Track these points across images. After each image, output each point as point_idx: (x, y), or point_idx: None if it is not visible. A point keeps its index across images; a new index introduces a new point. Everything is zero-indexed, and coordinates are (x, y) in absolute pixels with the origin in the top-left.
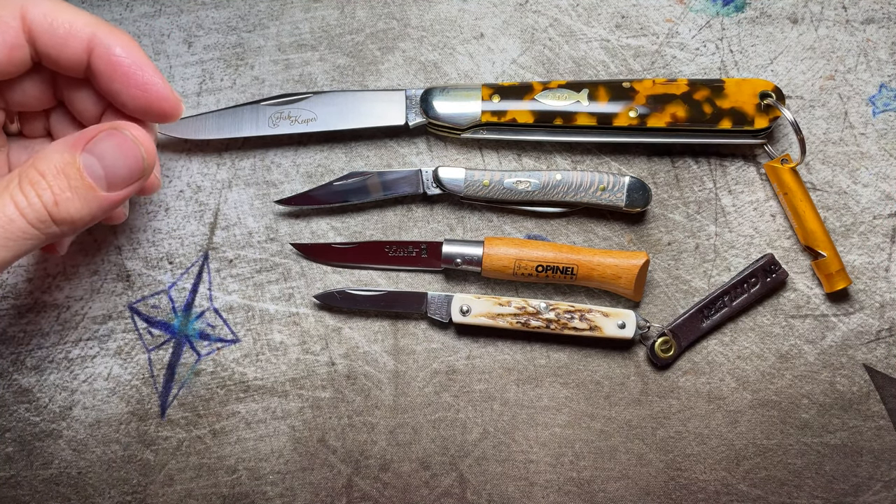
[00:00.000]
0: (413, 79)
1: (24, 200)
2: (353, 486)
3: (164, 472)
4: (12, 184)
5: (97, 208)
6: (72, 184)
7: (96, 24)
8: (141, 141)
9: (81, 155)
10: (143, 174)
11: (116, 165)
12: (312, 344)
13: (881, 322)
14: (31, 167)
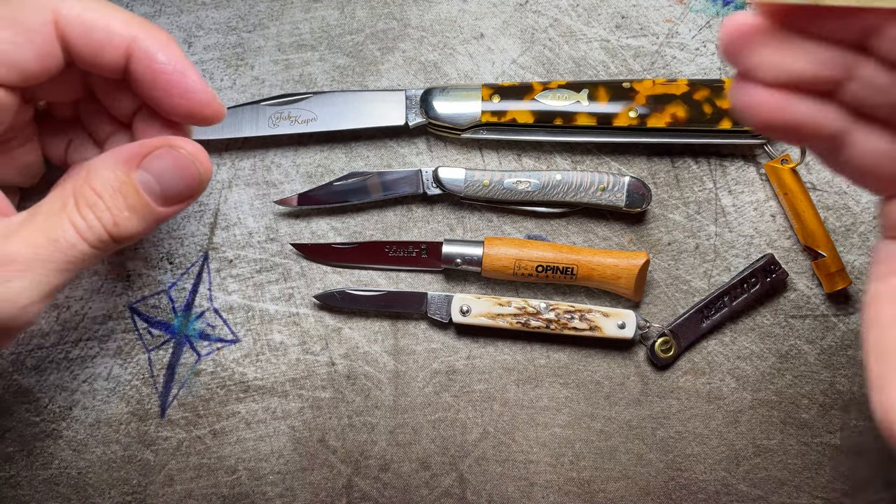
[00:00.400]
0: (413, 79)
1: (83, 223)
2: (353, 487)
3: (164, 472)
4: (69, 205)
5: (153, 223)
6: (129, 203)
7: (136, 26)
8: (197, 157)
9: (137, 172)
10: (200, 190)
11: (174, 182)
12: (312, 344)
13: None
14: (86, 185)
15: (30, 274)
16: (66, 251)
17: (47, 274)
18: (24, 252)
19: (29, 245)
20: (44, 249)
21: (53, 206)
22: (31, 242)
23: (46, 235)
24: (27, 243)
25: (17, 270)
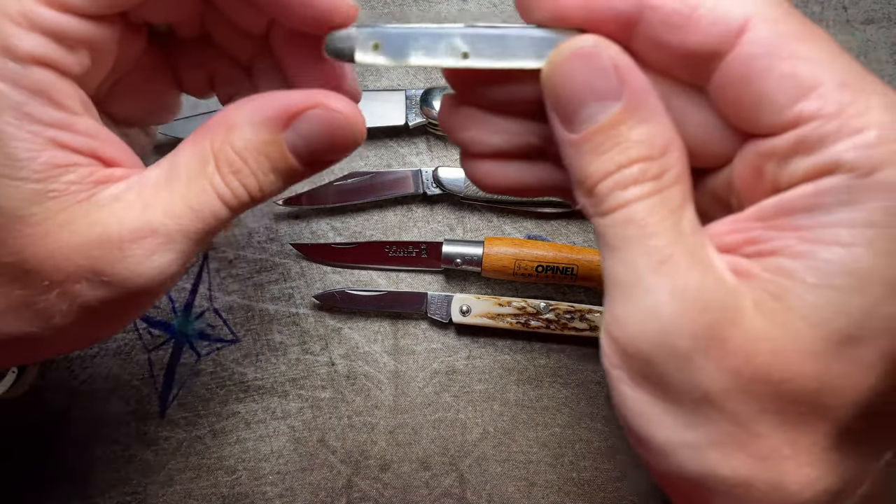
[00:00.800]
0: (413, 79)
1: (228, 192)
2: (353, 487)
3: (163, 472)
4: (209, 168)
5: (296, 181)
6: (275, 166)
7: None
8: (351, 119)
9: (286, 133)
10: (351, 151)
11: (324, 146)
12: (312, 344)
13: None
14: (227, 146)
15: (172, 245)
16: (209, 220)
17: (190, 244)
18: (166, 224)
19: (170, 216)
20: (186, 220)
21: (192, 166)
22: (173, 212)
23: (189, 205)
24: (168, 213)
25: (161, 243)
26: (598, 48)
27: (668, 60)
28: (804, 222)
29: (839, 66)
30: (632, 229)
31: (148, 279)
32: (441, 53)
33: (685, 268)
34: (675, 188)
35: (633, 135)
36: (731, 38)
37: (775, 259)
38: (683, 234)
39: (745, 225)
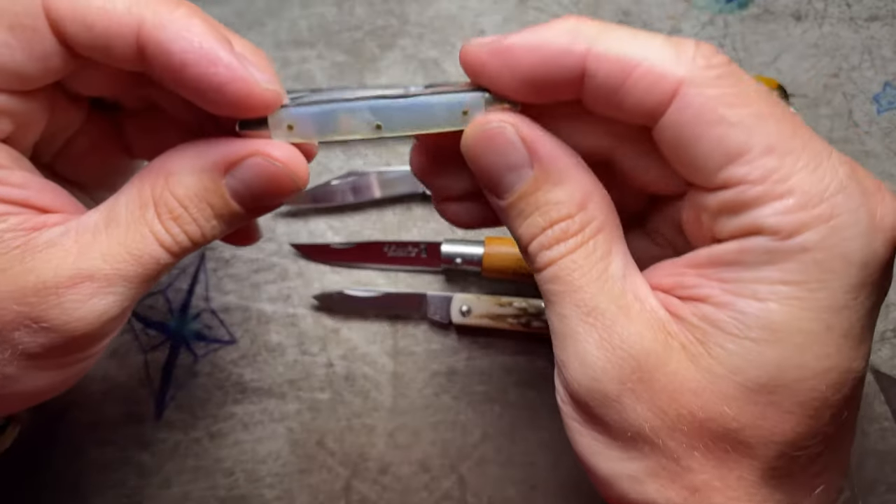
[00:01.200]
0: (412, 76)
1: (168, 238)
2: (352, 489)
3: (160, 474)
4: (149, 214)
5: (238, 226)
6: (217, 212)
7: (143, 6)
8: (291, 166)
9: (226, 179)
10: (293, 195)
11: (264, 192)
12: (310, 345)
13: (885, 323)
14: (167, 192)
15: (111, 289)
16: (149, 265)
17: (128, 288)
18: (103, 269)
19: (108, 261)
20: (126, 264)
21: (131, 211)
22: (112, 257)
23: (128, 250)
24: (106, 258)
25: (98, 288)
26: (502, 126)
27: (614, 111)
28: (728, 275)
29: (768, 129)
30: (560, 285)
31: (88, 324)
32: (355, 128)
33: (611, 318)
34: (600, 237)
35: (550, 197)
36: (663, 103)
37: (702, 305)
38: (611, 280)
39: (679, 270)
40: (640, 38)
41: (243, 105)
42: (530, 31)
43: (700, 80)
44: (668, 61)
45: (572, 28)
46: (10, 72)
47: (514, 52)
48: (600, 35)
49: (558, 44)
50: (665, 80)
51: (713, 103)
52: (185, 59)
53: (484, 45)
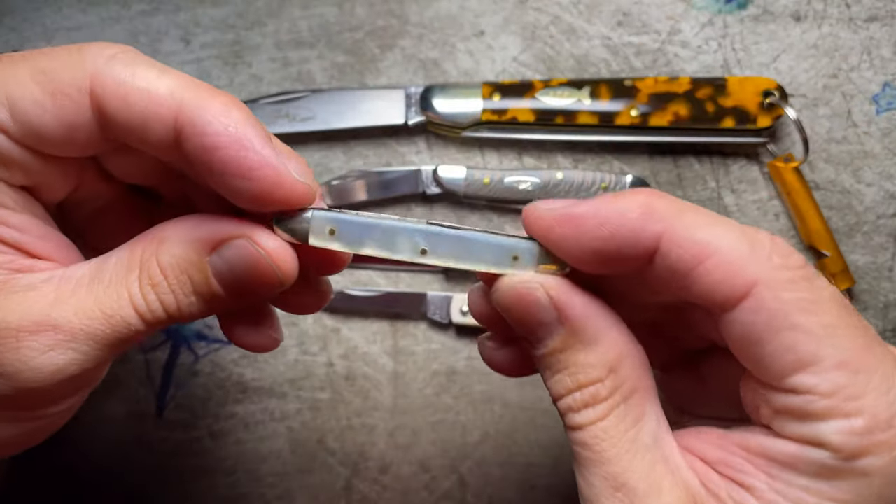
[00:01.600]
0: (413, 77)
1: (143, 304)
2: (352, 489)
3: (161, 473)
4: (131, 276)
5: (221, 310)
6: (197, 289)
7: (184, 90)
8: (276, 259)
9: (212, 257)
10: (277, 290)
11: (247, 279)
12: (311, 345)
13: (885, 323)
14: (154, 259)
15: (74, 345)
16: (119, 328)
17: (93, 349)
18: (71, 321)
19: (78, 315)
20: (95, 322)
21: (117, 271)
22: (82, 313)
23: (101, 308)
24: (78, 312)
25: (61, 340)
26: (531, 287)
27: (678, 293)
28: (779, 474)
29: (842, 342)
30: (589, 451)
31: (41, 376)
32: (399, 248)
33: (642, 496)
34: (632, 400)
35: (579, 359)
36: (734, 298)
37: (743, 492)
38: (642, 450)
39: (728, 446)
40: (716, 224)
41: (271, 195)
42: (602, 201)
43: (775, 283)
44: (744, 256)
45: (646, 204)
46: (34, 131)
47: (584, 223)
48: (677, 216)
49: (632, 221)
50: (739, 277)
51: (787, 308)
52: (218, 142)
53: (553, 210)
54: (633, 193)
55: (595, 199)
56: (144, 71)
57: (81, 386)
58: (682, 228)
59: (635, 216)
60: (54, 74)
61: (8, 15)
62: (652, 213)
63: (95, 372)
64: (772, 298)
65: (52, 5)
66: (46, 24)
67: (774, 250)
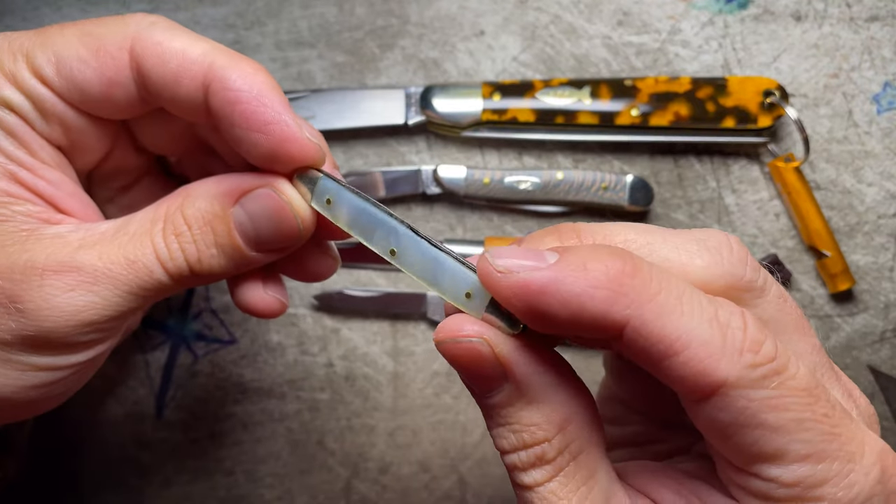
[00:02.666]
0: (413, 76)
1: (165, 251)
2: (352, 489)
3: (160, 474)
4: (156, 227)
5: (242, 266)
6: (218, 240)
7: (215, 53)
8: (296, 206)
9: (235, 209)
10: (296, 242)
11: (268, 228)
12: (310, 345)
13: (885, 323)
14: (178, 212)
15: (96, 288)
16: (142, 275)
17: (116, 294)
18: (94, 264)
19: (102, 259)
20: (117, 267)
21: (142, 224)
22: (106, 257)
23: (125, 254)
24: (101, 257)
25: (82, 281)
26: (476, 342)
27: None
28: None
29: (806, 436)
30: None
31: (61, 316)
32: (375, 241)
33: None
34: (581, 459)
35: (523, 416)
36: (700, 395)
37: None
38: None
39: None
40: (689, 313)
41: (283, 149)
42: (565, 269)
43: (745, 382)
44: (714, 353)
45: (615, 283)
46: (78, 86)
47: (542, 299)
48: (647, 302)
49: (596, 305)
50: (708, 376)
51: (755, 407)
52: (239, 97)
53: (507, 278)
54: (604, 260)
55: (558, 260)
56: (181, 35)
57: (100, 338)
58: (651, 318)
59: (600, 298)
60: (99, 35)
61: (7, 15)
62: (619, 296)
63: (115, 324)
64: (740, 397)
65: (52, 5)
66: (46, 24)
67: (748, 342)
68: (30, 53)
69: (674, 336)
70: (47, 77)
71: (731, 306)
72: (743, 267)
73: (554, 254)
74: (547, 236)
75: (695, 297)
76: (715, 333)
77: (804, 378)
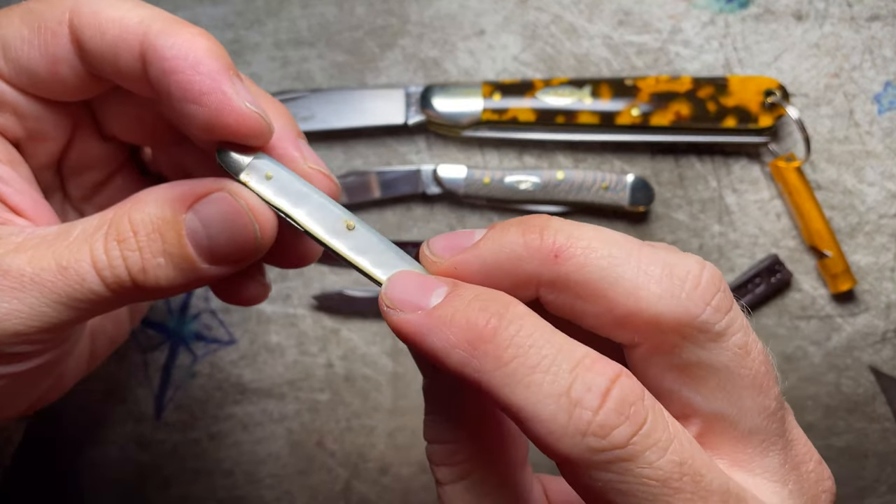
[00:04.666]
0: (413, 76)
1: (103, 258)
2: (352, 490)
3: (159, 475)
4: (97, 233)
5: (191, 281)
6: (167, 248)
7: (152, 20)
8: (255, 212)
9: (188, 215)
10: (252, 253)
11: (222, 237)
12: (310, 345)
13: (887, 323)
14: (125, 216)
15: (21, 295)
16: (73, 283)
17: (44, 303)
18: (22, 268)
19: (32, 264)
20: (47, 273)
21: (86, 229)
22: (36, 262)
23: (57, 260)
24: (31, 261)
25: (6, 286)
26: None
27: None
28: None
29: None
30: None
31: None
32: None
33: None
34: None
35: None
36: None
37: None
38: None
39: None
40: (535, 383)
41: (219, 120)
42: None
43: (587, 463)
44: (554, 430)
45: (469, 345)
46: (25, 69)
47: (415, 344)
48: (492, 370)
49: (451, 363)
50: (549, 449)
51: (601, 488)
52: (175, 66)
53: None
54: (469, 316)
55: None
56: (120, 2)
57: (33, 350)
58: (498, 385)
59: (455, 358)
60: (39, 11)
61: None
62: (471, 359)
63: (46, 335)
64: (584, 475)
65: None
66: None
67: (593, 426)
68: None
69: (517, 406)
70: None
71: (599, 378)
72: (702, 306)
73: (443, 291)
74: (511, 227)
75: (555, 366)
76: (559, 411)
77: (665, 467)
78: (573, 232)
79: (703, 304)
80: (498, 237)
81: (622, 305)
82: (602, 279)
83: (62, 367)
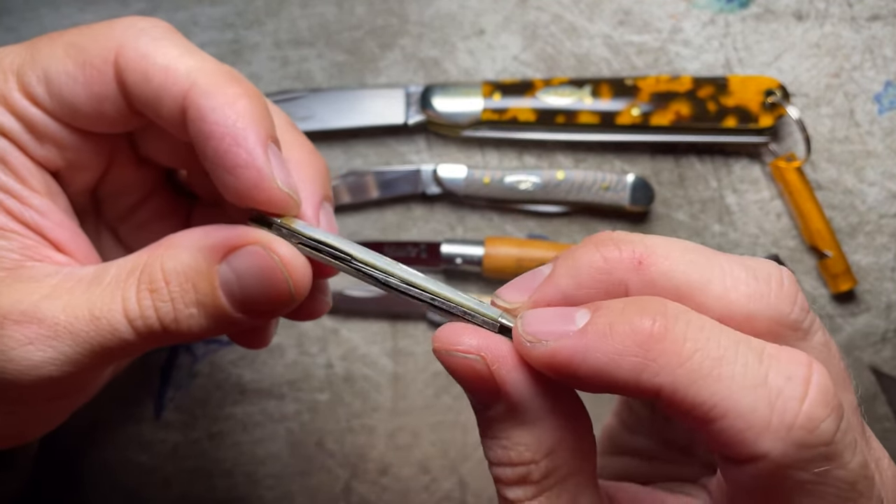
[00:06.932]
0: (413, 76)
1: (135, 309)
2: (352, 490)
3: (159, 475)
4: (130, 280)
5: (222, 328)
6: (200, 299)
7: (199, 73)
8: (289, 268)
9: (222, 266)
10: (284, 306)
11: (255, 290)
12: (310, 346)
13: (887, 323)
14: (158, 264)
15: (54, 343)
16: (106, 333)
17: (74, 350)
18: (56, 317)
19: (65, 312)
20: (80, 323)
21: (118, 275)
22: (70, 310)
23: (90, 308)
24: (65, 309)
25: (42, 335)
26: (473, 359)
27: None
28: None
29: None
30: None
31: (15, 369)
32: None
33: None
34: (566, 485)
35: (514, 434)
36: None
37: None
38: None
39: None
40: (726, 374)
41: (250, 196)
42: (589, 336)
43: (788, 461)
44: (755, 424)
45: (643, 348)
46: (68, 103)
47: (572, 368)
48: (678, 366)
49: (623, 375)
50: (749, 447)
51: (790, 487)
52: (214, 132)
53: (536, 347)
54: (631, 322)
55: (587, 324)
56: (168, 48)
57: (59, 394)
58: (683, 384)
59: (628, 367)
60: (84, 47)
61: (6, 15)
62: (647, 363)
63: (77, 380)
64: (779, 474)
65: (50, 5)
66: (44, 24)
67: (800, 418)
68: (20, 72)
69: (709, 404)
70: (38, 96)
71: (794, 366)
72: (791, 304)
73: (586, 313)
74: (581, 248)
75: (741, 356)
76: (759, 403)
77: (854, 470)
78: (646, 240)
79: (790, 303)
80: (570, 262)
81: (714, 308)
82: (690, 283)
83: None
